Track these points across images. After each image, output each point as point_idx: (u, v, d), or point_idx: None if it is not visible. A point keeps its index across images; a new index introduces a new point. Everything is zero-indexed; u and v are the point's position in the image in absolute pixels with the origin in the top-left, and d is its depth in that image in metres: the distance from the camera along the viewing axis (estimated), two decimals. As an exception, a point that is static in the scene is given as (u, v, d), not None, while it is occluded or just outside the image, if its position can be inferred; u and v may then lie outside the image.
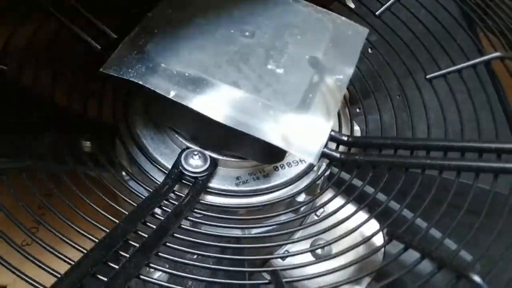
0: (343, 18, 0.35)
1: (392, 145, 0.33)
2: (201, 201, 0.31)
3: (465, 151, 0.31)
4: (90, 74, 0.35)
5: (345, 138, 0.34)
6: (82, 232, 0.25)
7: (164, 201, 0.29)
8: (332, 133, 0.34)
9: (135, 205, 0.28)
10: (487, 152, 0.30)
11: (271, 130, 0.27)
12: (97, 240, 0.24)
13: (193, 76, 0.28)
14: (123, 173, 0.32)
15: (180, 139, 0.32)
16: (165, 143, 0.33)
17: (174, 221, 0.27)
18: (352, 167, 0.33)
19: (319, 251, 0.37)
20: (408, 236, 0.30)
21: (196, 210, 0.30)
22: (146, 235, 0.26)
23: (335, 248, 0.33)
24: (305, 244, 0.37)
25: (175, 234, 0.27)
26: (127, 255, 0.24)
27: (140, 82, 0.27)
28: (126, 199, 0.29)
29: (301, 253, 0.30)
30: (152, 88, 0.27)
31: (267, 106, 0.28)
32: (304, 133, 0.28)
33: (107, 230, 0.26)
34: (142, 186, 0.31)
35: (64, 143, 0.32)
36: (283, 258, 0.36)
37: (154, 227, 0.26)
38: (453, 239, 0.33)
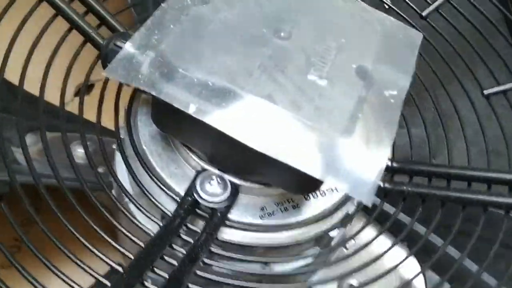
0: (392, 18, 0.29)
1: (446, 175, 0.28)
2: (219, 238, 0.25)
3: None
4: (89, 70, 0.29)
5: (389, 163, 0.29)
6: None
7: (177, 237, 0.24)
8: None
9: (138, 243, 0.22)
10: None
11: (312, 159, 0.22)
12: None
13: (218, 87, 0.22)
14: (123, 195, 0.27)
15: (195, 158, 0.27)
16: (176, 162, 0.27)
17: (189, 269, 0.21)
18: (397, 199, 0.28)
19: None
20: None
21: (212, 249, 0.24)
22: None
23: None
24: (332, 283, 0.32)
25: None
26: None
27: (153, 93, 0.22)
28: (126, 233, 0.24)
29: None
30: (168, 101, 0.22)
31: (307, 127, 0.22)
32: (353, 164, 0.22)
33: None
34: (147, 216, 0.25)
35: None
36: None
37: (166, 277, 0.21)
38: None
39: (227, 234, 0.26)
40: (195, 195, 0.25)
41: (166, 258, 0.22)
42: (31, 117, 0.28)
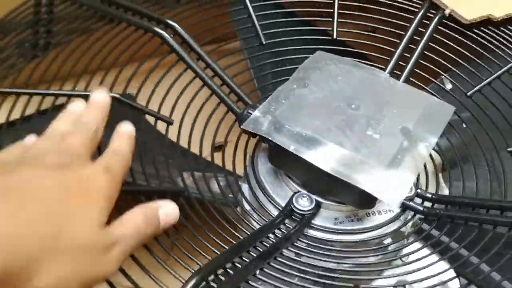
0: (435, 98, 0.43)
1: (470, 204, 0.40)
2: (305, 233, 0.39)
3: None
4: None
5: (430, 195, 0.41)
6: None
7: (277, 229, 0.38)
8: (419, 190, 0.42)
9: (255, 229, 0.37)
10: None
11: (366, 181, 0.36)
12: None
13: (308, 136, 0.37)
14: (247, 206, 0.42)
15: (293, 184, 0.41)
16: (281, 186, 0.42)
17: (284, 243, 0.36)
18: (433, 220, 0.40)
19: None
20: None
21: (300, 239, 0.38)
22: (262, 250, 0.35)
23: None
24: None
25: (281, 260, 0.35)
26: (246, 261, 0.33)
27: (269, 138, 0.37)
28: (243, 228, 0.38)
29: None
30: (277, 143, 0.37)
31: (364, 162, 0.36)
32: (391, 184, 0.35)
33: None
34: (261, 217, 0.40)
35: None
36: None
37: (268, 245, 0.35)
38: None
39: (311, 233, 0.40)
40: (291, 205, 0.40)
41: (270, 238, 0.37)
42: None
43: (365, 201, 0.39)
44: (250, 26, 0.50)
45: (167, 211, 0.32)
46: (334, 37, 0.51)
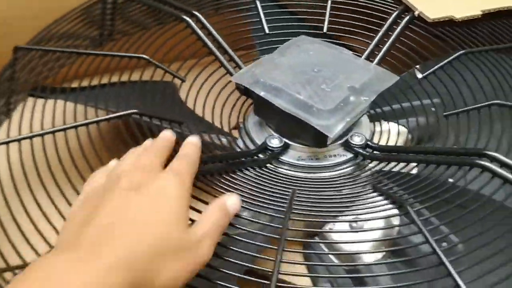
0: (384, 69, 0.54)
1: (402, 150, 0.51)
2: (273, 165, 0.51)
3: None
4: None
5: (375, 145, 0.53)
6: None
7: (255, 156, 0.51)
8: (369, 142, 0.53)
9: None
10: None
11: (314, 119, 0.48)
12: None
13: (275, 86, 0.50)
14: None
15: (271, 130, 0.54)
16: (262, 133, 0.55)
17: (251, 163, 0.49)
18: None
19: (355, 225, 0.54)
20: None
21: (266, 166, 0.51)
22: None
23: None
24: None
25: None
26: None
27: (248, 87, 0.51)
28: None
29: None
30: (253, 91, 0.50)
31: (314, 106, 0.48)
32: (331, 122, 0.47)
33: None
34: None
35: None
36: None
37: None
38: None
39: (278, 166, 0.52)
40: (267, 143, 0.52)
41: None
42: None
43: (318, 140, 0.50)
44: (258, 21, 0.65)
45: (232, 202, 0.38)
46: (325, 31, 0.64)
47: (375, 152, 0.53)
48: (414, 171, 0.50)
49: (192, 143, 0.41)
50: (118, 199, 0.33)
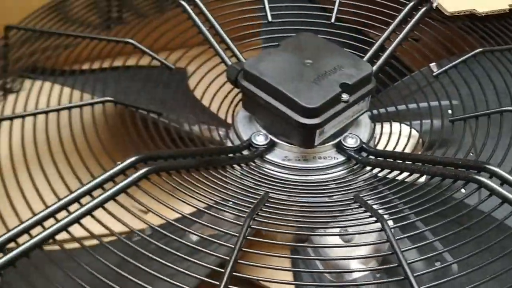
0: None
1: (397, 157, 0.46)
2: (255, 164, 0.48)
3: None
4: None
5: (370, 148, 0.48)
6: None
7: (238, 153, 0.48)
8: (364, 145, 0.48)
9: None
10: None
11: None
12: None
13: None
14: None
15: (258, 126, 0.50)
16: (250, 128, 0.51)
17: (239, 158, 0.46)
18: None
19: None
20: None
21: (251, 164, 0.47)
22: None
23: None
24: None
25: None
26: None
27: (237, 79, 0.47)
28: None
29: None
30: (240, 82, 0.47)
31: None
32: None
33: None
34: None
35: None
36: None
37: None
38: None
39: (261, 165, 0.48)
40: (252, 139, 0.49)
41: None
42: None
43: (305, 139, 0.46)
44: (262, 7, 0.61)
45: None
46: (333, 21, 0.60)
47: (370, 156, 0.48)
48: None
49: None
50: None
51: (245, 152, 0.49)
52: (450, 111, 0.52)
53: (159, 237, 0.36)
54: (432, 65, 0.56)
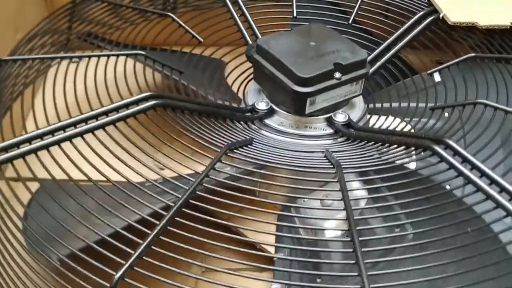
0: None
1: (371, 130, 0.52)
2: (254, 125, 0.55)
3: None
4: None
5: (356, 124, 0.54)
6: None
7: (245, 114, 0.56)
8: (351, 122, 0.55)
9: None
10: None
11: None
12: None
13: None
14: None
15: (264, 96, 0.58)
16: (257, 98, 0.59)
17: (240, 116, 0.53)
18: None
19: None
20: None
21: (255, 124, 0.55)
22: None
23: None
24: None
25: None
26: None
27: (250, 53, 0.55)
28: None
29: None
30: (251, 54, 0.55)
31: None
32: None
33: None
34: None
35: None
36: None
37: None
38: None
39: (258, 126, 0.56)
40: (255, 104, 0.56)
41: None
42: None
43: (297, 105, 0.53)
44: (290, 4, 0.69)
45: None
46: (350, 22, 0.67)
47: (356, 132, 0.54)
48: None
49: None
50: None
51: (248, 114, 0.57)
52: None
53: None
54: (436, 70, 0.62)
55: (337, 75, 0.53)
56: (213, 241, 0.36)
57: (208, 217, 0.38)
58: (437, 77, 0.62)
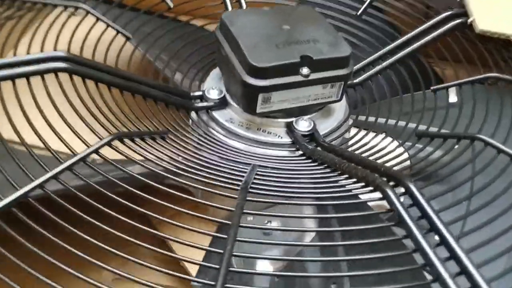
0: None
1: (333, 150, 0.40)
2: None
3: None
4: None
5: (321, 138, 0.43)
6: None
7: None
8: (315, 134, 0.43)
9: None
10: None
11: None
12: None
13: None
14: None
15: (223, 84, 0.47)
16: (214, 84, 0.48)
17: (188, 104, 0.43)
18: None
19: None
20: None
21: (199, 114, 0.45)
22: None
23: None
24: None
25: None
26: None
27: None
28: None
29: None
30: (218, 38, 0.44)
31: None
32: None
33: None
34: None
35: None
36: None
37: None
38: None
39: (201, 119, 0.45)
40: (205, 92, 0.46)
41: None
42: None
43: (247, 100, 0.42)
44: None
45: None
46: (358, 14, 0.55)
47: (318, 148, 0.43)
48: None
49: None
50: None
51: (200, 103, 0.46)
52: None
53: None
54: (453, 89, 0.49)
55: (305, 71, 0.41)
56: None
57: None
58: (452, 97, 0.49)
